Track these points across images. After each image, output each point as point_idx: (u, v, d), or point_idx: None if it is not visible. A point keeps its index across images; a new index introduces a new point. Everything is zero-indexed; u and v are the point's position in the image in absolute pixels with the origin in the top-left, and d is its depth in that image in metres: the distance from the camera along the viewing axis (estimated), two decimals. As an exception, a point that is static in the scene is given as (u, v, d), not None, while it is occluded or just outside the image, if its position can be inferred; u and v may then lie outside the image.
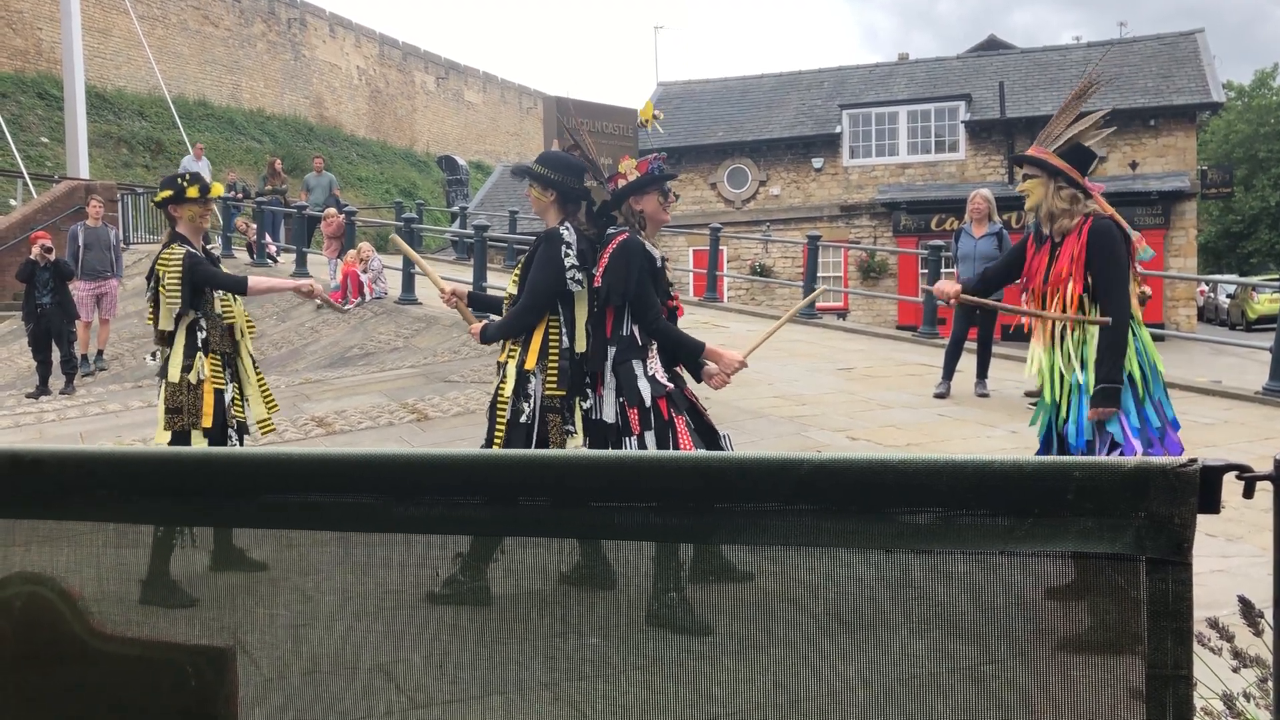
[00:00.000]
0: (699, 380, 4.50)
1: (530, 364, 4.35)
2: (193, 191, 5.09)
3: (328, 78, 41.53)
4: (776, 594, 1.29)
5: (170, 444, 4.95)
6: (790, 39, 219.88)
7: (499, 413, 4.41)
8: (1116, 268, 3.96)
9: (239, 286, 5.22)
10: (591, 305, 4.39)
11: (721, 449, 4.28)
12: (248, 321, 5.34)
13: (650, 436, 4.17)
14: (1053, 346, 4.10)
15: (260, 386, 5.31)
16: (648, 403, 4.20)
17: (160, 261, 5.07)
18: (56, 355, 12.02)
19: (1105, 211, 4.05)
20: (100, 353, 13.41)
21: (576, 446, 4.50)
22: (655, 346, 4.30)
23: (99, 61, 31.42)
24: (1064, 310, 4.02)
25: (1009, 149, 24.94)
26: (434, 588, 1.47)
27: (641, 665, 1.36)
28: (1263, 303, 29.27)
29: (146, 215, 22.35)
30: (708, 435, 4.34)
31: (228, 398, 5.11)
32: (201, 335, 5.04)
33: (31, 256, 11.89)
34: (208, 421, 4.98)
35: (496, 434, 4.42)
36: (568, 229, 4.35)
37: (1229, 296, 32.84)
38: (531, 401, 4.33)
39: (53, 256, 11.92)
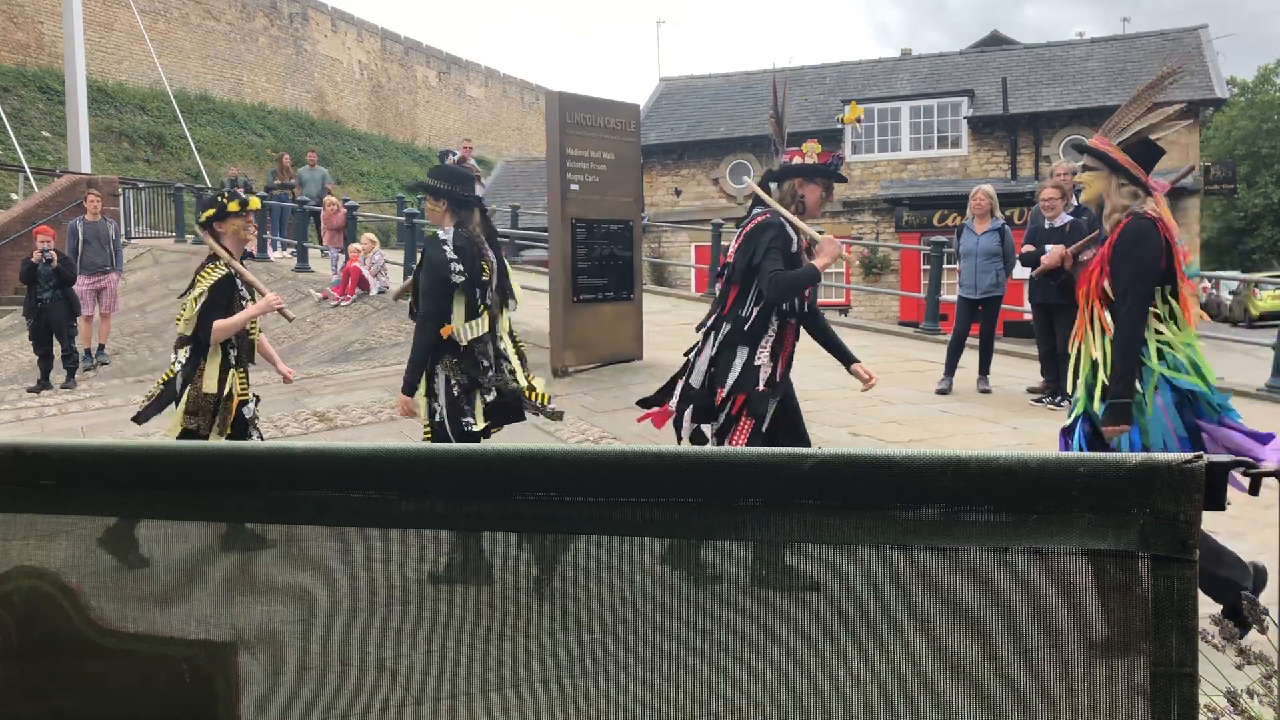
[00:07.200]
0: (846, 362, 4.80)
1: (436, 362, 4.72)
2: (234, 206, 5.24)
3: (329, 72, 41.50)
4: (778, 590, 1.29)
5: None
6: (800, 34, 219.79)
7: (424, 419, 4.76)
8: (1133, 270, 3.71)
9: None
10: (728, 284, 4.51)
11: None
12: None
13: (714, 426, 4.38)
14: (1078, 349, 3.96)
15: None
16: (726, 391, 4.33)
17: (202, 275, 5.17)
18: (58, 350, 11.99)
19: (1156, 213, 3.80)
20: (101, 347, 13.39)
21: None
22: (769, 339, 4.41)
23: (100, 56, 31.42)
24: (1088, 303, 3.88)
25: (1012, 145, 24.91)
26: (434, 568, 1.46)
27: (642, 662, 1.36)
28: (1265, 300, 29.28)
29: (148, 210, 22.35)
30: (800, 444, 4.44)
31: (248, 412, 5.25)
32: (234, 352, 5.20)
33: (33, 259, 11.74)
34: (227, 433, 5.12)
35: (424, 437, 4.76)
36: (444, 230, 4.75)
37: (1232, 293, 32.82)
38: (440, 399, 4.73)
39: (54, 261, 11.61)
